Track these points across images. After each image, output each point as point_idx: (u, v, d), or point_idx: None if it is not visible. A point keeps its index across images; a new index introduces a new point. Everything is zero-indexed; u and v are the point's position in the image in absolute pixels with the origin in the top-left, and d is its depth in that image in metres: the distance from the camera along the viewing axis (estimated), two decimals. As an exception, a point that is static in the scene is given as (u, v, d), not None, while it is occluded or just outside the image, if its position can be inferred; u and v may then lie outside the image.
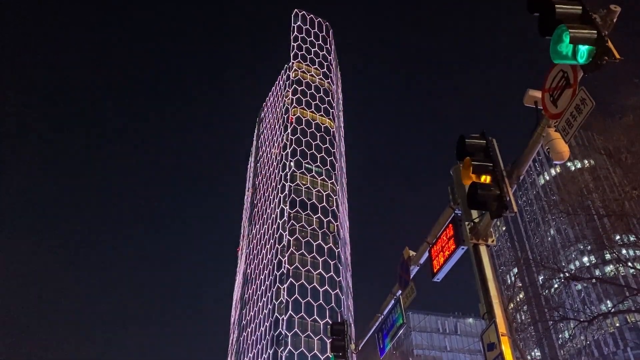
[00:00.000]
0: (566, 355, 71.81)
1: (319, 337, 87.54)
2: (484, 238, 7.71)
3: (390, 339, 11.46)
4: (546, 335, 70.69)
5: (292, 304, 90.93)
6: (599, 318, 17.50)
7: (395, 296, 11.20)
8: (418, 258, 10.40)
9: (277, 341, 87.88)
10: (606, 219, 15.79)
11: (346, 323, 13.71)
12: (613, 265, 33.91)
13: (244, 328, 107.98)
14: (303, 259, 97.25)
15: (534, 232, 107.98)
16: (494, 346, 6.49)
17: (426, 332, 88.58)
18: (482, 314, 7.03)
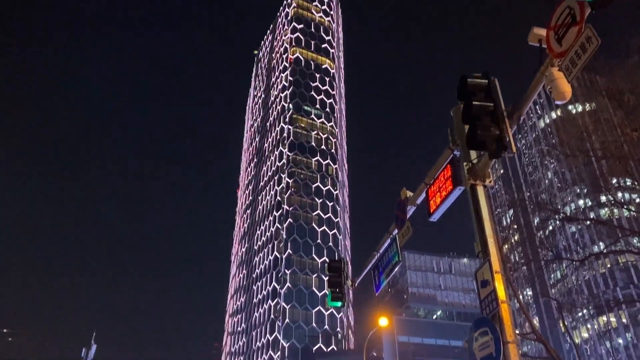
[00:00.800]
0: (557, 293, 73.99)
1: (317, 274, 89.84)
2: (482, 179, 7.74)
3: (386, 276, 11.74)
4: (539, 275, 72.59)
5: (291, 244, 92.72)
6: (591, 258, 17.89)
7: (391, 235, 11.37)
8: (415, 198, 10.48)
9: (277, 278, 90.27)
10: (604, 161, 15.82)
11: (343, 261, 14.00)
12: (608, 208, 34.33)
13: (244, 266, 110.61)
14: (302, 200, 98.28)
15: (532, 174, 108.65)
16: (488, 283, 6.66)
17: (421, 271, 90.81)
18: (477, 253, 7.17)
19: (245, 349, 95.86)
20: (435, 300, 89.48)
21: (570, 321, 72.33)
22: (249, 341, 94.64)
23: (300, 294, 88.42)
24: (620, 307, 72.37)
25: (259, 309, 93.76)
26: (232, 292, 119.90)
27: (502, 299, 6.41)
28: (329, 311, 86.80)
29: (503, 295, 6.48)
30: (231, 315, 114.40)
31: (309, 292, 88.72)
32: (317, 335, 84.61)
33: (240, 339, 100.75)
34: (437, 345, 63.49)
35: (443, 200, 8.82)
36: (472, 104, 7.28)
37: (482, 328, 6.41)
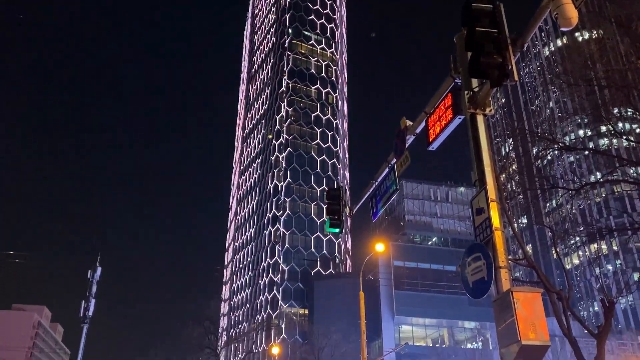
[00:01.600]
0: (551, 222, 75.43)
1: (316, 202, 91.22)
2: (482, 107, 7.69)
3: (383, 204, 11.94)
4: (534, 203, 73.69)
5: (291, 172, 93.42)
6: (587, 187, 18.09)
7: (390, 164, 11.46)
8: (415, 127, 10.47)
9: (277, 206, 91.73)
10: (607, 90, 15.63)
11: (342, 189, 14.19)
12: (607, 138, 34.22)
13: (245, 194, 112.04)
14: (301, 129, 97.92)
15: (533, 104, 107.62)
16: (483, 211, 6.79)
17: (418, 200, 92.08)
18: (474, 181, 7.25)
19: (250, 270, 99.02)
20: (431, 227, 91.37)
21: (563, 248, 74.27)
22: (253, 264, 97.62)
23: (300, 220, 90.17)
24: (612, 235, 74.16)
25: (259, 235, 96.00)
26: (232, 219, 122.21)
27: (496, 226, 6.56)
28: (327, 237, 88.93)
29: (497, 222, 6.63)
30: (233, 244, 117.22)
31: (308, 219, 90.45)
32: (316, 260, 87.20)
33: (243, 261, 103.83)
34: (432, 270, 65.55)
35: (442, 129, 8.82)
36: (476, 30, 7.10)
37: (475, 254, 6.60)
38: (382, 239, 43.64)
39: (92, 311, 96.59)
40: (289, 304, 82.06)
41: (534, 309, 5.71)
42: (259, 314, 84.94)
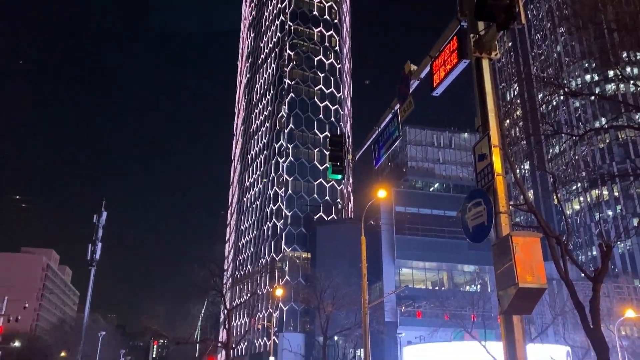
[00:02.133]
0: (554, 167, 75.56)
1: (318, 149, 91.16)
2: (488, 51, 7.53)
3: (386, 150, 11.93)
4: (537, 149, 73.53)
5: (293, 118, 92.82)
6: (591, 133, 17.99)
7: (393, 110, 11.36)
8: (419, 72, 10.30)
9: (279, 152, 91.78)
10: (616, 33, 15.25)
11: (344, 135, 14.15)
12: (614, 83, 33.77)
13: (247, 141, 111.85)
14: (304, 74, 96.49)
15: (540, 48, 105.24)
16: (485, 156, 6.78)
17: (421, 146, 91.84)
18: (477, 127, 7.21)
19: (252, 217, 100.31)
20: (434, 173, 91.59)
21: (564, 194, 74.68)
22: (256, 210, 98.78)
23: (302, 167, 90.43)
24: (614, 181, 74.38)
25: (261, 181, 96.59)
26: (234, 165, 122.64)
27: (497, 172, 6.57)
28: (329, 183, 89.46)
29: (499, 168, 6.63)
30: (236, 188, 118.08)
31: (310, 166, 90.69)
32: (318, 205, 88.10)
33: (247, 207, 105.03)
34: (433, 215, 66.19)
35: (447, 73, 8.68)
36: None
37: (476, 199, 6.65)
38: (384, 185, 43.90)
39: (99, 254, 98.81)
40: (292, 248, 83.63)
41: (532, 253, 5.81)
42: (263, 257, 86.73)
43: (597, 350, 10.82)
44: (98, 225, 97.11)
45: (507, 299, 5.89)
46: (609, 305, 43.42)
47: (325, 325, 37.60)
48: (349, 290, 38.64)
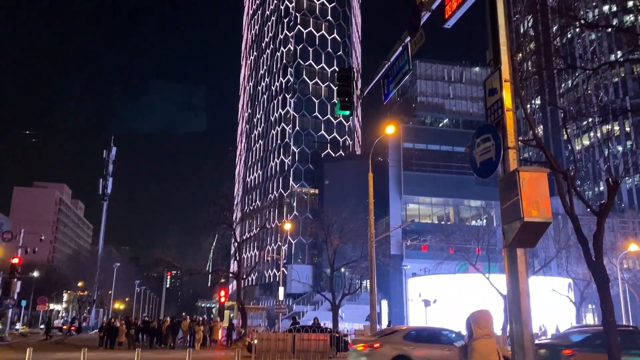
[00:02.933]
0: (565, 102, 74.31)
1: (327, 84, 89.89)
2: (502, -19, 7.25)
3: (395, 85, 11.78)
4: (549, 84, 72.02)
5: (300, 52, 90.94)
6: (605, 67, 17.57)
7: (403, 43, 11.11)
8: (431, 3, 9.99)
9: (286, 88, 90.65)
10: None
11: (353, 70, 13.93)
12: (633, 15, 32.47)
13: (254, 75, 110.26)
14: (311, 5, 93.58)
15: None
16: (495, 91, 6.70)
17: (431, 80, 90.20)
18: (488, 61, 7.08)
19: (261, 152, 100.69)
20: (443, 108, 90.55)
21: (574, 129, 73.92)
22: (264, 146, 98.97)
23: (310, 103, 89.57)
24: (626, 116, 73.30)
25: (269, 118, 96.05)
26: (242, 102, 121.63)
27: (507, 107, 6.52)
28: (337, 120, 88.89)
29: (509, 103, 6.57)
30: (245, 121, 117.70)
31: (318, 101, 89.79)
32: (326, 142, 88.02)
33: (255, 144, 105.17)
34: (441, 151, 66.11)
35: (460, 4, 8.42)
36: None
37: (485, 134, 6.64)
38: (393, 121, 43.51)
39: (110, 189, 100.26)
40: (300, 184, 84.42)
41: (538, 188, 5.86)
42: (272, 193, 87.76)
43: (598, 282, 11.10)
44: (108, 160, 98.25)
45: (511, 233, 6.00)
46: (613, 240, 44.00)
47: (332, 257, 38.57)
48: (356, 225, 39.30)
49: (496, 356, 5.17)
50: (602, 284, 10.94)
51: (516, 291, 6.15)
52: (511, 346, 6.34)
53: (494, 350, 5.17)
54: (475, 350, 5.12)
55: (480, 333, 5.21)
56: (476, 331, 5.24)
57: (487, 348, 5.08)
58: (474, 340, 5.21)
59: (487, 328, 5.24)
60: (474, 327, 5.30)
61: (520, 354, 5.93)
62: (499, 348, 5.21)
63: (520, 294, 6.10)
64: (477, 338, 5.21)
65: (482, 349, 5.09)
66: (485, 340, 5.17)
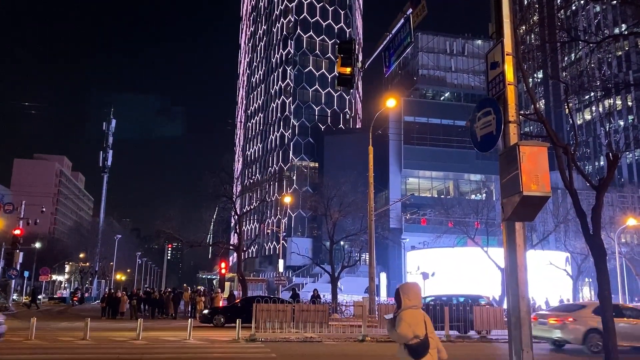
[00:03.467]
0: (567, 76, 73.76)
1: (327, 56, 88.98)
2: (507, -49, 7.11)
3: (397, 57, 11.67)
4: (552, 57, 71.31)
5: (301, 24, 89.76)
6: (609, 40, 17.35)
7: (405, 15, 10.97)
8: (433, -26, 9.82)
9: (286, 60, 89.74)
10: None
11: (354, 41, 13.76)
12: (639, -14, 32.07)
13: (253, 48, 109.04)
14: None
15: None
16: (497, 65, 6.65)
17: (433, 53, 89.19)
18: (491, 33, 7.00)
19: (261, 125, 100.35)
20: (445, 82, 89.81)
21: (575, 103, 73.50)
22: (264, 119, 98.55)
23: (310, 75, 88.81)
24: (629, 90, 72.83)
25: (268, 91, 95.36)
26: (241, 74, 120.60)
27: (509, 80, 6.47)
28: (338, 93, 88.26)
29: (511, 77, 6.52)
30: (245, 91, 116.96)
31: (319, 74, 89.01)
32: (326, 115, 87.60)
33: (254, 117, 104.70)
34: (442, 125, 65.86)
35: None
36: None
37: (485, 108, 6.61)
38: (394, 94, 43.26)
39: (110, 161, 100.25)
40: (300, 158, 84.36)
41: (538, 162, 5.87)
42: (272, 166, 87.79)
43: (595, 255, 11.21)
44: (108, 132, 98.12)
45: (510, 206, 6.03)
46: (612, 214, 44.25)
47: (332, 230, 38.79)
48: (356, 198, 39.41)
49: (423, 326, 5.38)
50: (599, 257, 11.05)
51: (514, 264, 6.22)
52: (507, 317, 6.46)
53: (421, 321, 5.39)
54: (403, 319, 5.36)
55: (408, 304, 5.45)
56: (405, 302, 5.48)
57: (414, 318, 5.33)
58: (402, 311, 5.48)
59: (416, 299, 5.47)
60: (403, 298, 5.53)
61: (517, 324, 6.04)
62: (426, 319, 5.47)
63: (517, 267, 6.18)
64: (405, 308, 5.44)
65: (409, 318, 5.34)
66: (412, 310, 5.41)
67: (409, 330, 5.29)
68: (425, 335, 5.34)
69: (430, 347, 5.35)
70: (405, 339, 5.33)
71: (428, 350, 5.32)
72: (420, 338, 5.33)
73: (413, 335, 5.30)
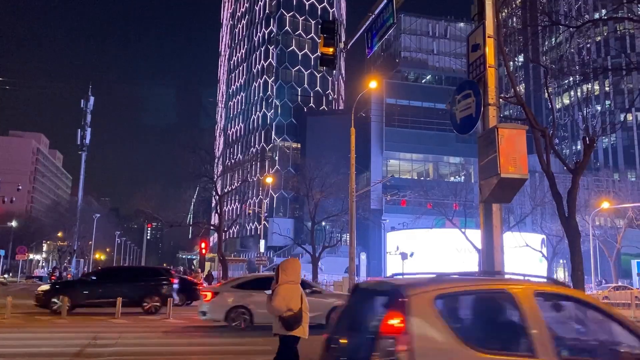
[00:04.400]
0: (547, 60, 74.34)
1: (310, 36, 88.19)
2: None
3: (379, 38, 11.64)
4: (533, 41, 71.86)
5: (284, 2, 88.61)
6: (589, 25, 17.52)
7: None
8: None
9: (269, 39, 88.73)
10: None
11: (337, 22, 13.68)
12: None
13: (235, 24, 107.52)
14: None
15: None
16: (478, 47, 6.69)
17: (415, 35, 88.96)
18: (473, 15, 7.03)
19: (243, 104, 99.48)
20: (427, 64, 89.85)
21: (555, 87, 74.29)
22: (245, 99, 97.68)
23: (293, 55, 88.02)
24: (607, 75, 73.79)
25: (250, 70, 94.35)
26: (223, 52, 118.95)
27: (490, 63, 6.52)
28: (320, 74, 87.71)
29: (492, 59, 6.57)
30: (227, 71, 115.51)
31: (301, 54, 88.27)
32: (309, 96, 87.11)
33: (236, 96, 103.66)
34: (423, 107, 66.06)
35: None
36: None
37: (465, 91, 6.66)
38: (376, 76, 43.20)
39: (89, 139, 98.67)
40: (282, 138, 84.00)
41: (516, 145, 5.95)
42: (253, 146, 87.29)
43: (570, 236, 11.49)
44: (86, 110, 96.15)
45: (488, 188, 6.12)
46: (587, 197, 45.15)
47: (313, 211, 38.94)
48: (337, 179, 39.53)
49: (298, 300, 5.72)
50: (574, 239, 11.33)
51: (490, 245, 6.34)
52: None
53: (296, 295, 5.72)
54: (279, 294, 5.71)
55: (285, 279, 5.79)
56: (282, 277, 5.83)
57: (289, 292, 5.68)
58: (280, 285, 5.82)
59: (293, 275, 5.83)
60: (281, 274, 5.88)
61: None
62: (303, 295, 5.82)
63: (494, 248, 6.31)
64: (282, 283, 5.79)
65: (284, 292, 5.69)
66: (289, 285, 5.74)
67: (283, 303, 5.61)
68: (299, 310, 5.66)
69: (303, 321, 5.66)
70: (279, 311, 5.64)
71: (301, 324, 5.65)
72: (293, 311, 5.64)
73: (286, 308, 5.60)
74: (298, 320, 5.66)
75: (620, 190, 49.13)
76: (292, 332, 5.67)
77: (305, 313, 5.78)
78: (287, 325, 5.66)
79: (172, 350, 11.56)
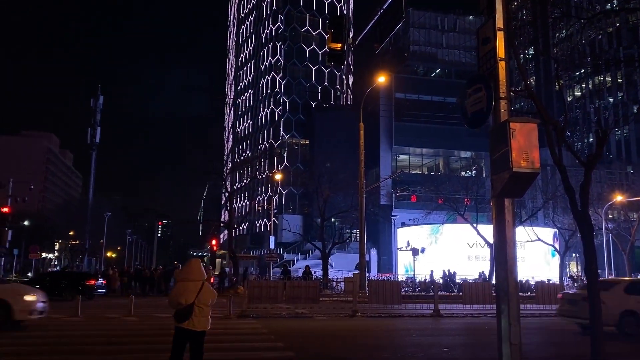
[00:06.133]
0: (558, 52, 73.62)
1: (318, 32, 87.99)
2: None
3: (388, 33, 11.55)
4: (543, 33, 71.17)
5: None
6: (601, 16, 17.27)
7: (396, -11, 10.81)
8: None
9: (277, 36, 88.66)
10: None
11: (345, 17, 13.60)
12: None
13: (243, 21, 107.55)
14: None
15: None
16: (489, 41, 6.60)
17: (424, 29, 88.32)
18: (482, 9, 6.93)
19: (251, 101, 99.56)
20: (436, 58, 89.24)
21: (566, 80, 73.60)
22: (254, 95, 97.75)
23: (301, 51, 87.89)
24: (619, 67, 72.97)
25: (259, 67, 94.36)
26: (230, 49, 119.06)
27: (500, 56, 6.43)
28: (329, 69, 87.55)
29: (502, 53, 6.48)
30: (237, 68, 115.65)
31: (309, 50, 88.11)
32: (317, 92, 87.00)
33: (244, 93, 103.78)
34: (433, 102, 65.73)
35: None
36: None
37: (476, 85, 6.58)
38: (385, 71, 43.01)
39: (98, 138, 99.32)
40: (291, 135, 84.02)
41: (528, 139, 5.88)
42: (262, 143, 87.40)
43: (583, 231, 11.33)
44: (96, 109, 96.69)
45: (500, 183, 6.06)
46: (600, 191, 44.65)
47: (322, 207, 38.90)
48: (346, 175, 39.45)
49: (192, 296, 6.35)
50: (587, 233, 11.17)
51: (502, 240, 6.28)
52: (496, 292, 6.54)
53: (191, 291, 6.37)
54: (174, 289, 6.68)
55: (181, 277, 6.63)
56: (180, 275, 6.70)
57: (183, 288, 6.43)
58: (177, 283, 6.84)
59: (189, 274, 6.54)
60: (179, 271, 6.93)
61: (505, 299, 6.13)
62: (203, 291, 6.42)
63: (506, 243, 6.24)
64: (179, 281, 6.68)
65: (178, 288, 6.51)
66: (184, 282, 6.49)
67: (175, 298, 6.36)
68: (191, 304, 6.29)
69: (194, 314, 6.29)
70: (172, 305, 6.39)
71: (190, 317, 6.29)
72: (183, 305, 6.30)
73: (177, 302, 6.30)
74: (187, 312, 6.33)
75: (634, 182, 48.42)
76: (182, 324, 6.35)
77: (202, 309, 6.38)
78: (177, 316, 6.37)
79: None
